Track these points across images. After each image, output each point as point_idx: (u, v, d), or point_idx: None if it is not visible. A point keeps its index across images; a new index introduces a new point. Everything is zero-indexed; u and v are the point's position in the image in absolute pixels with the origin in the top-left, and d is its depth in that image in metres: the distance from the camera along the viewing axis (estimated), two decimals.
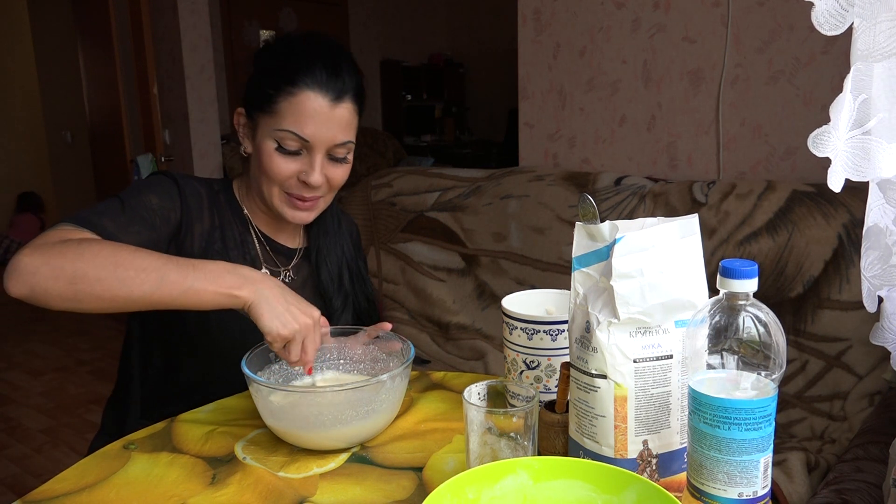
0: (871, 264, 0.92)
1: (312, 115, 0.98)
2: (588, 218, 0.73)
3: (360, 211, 2.50)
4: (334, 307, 1.14)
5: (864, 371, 1.62)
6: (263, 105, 1.01)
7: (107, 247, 0.85)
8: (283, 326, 0.84)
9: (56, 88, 5.24)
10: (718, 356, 0.59)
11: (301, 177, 1.02)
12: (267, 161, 1.01)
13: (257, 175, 1.05)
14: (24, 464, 2.55)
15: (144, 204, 0.99)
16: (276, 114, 0.99)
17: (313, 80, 0.98)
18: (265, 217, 1.12)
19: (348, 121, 1.02)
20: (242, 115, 1.06)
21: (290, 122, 0.99)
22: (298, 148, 1.00)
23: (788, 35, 1.97)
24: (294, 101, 0.98)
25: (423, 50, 7.07)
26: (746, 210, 1.83)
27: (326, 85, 0.99)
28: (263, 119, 1.01)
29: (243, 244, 1.09)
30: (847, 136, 0.76)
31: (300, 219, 1.06)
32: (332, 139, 1.01)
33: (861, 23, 0.71)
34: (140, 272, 0.82)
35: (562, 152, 2.48)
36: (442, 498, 0.59)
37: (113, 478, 0.80)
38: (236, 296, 0.84)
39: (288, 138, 0.99)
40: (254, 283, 0.85)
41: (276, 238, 1.13)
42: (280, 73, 1.00)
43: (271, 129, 1.00)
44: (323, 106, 0.99)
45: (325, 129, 1.00)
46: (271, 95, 0.99)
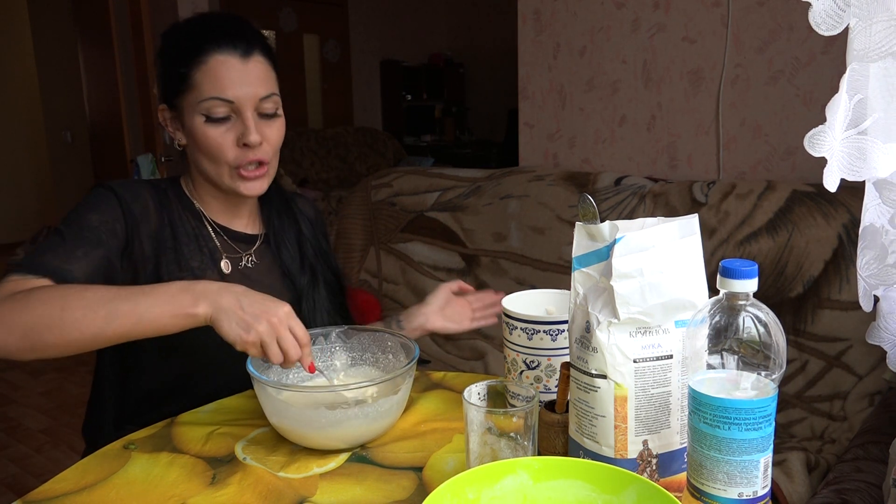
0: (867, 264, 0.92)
1: (228, 75, 0.99)
2: (588, 218, 0.73)
3: (360, 211, 2.50)
4: (302, 285, 1.13)
5: (864, 371, 1.62)
6: (179, 86, 1.01)
7: (55, 292, 0.83)
8: (245, 332, 0.81)
9: (56, 88, 5.25)
10: (718, 356, 0.59)
11: (240, 141, 1.01)
12: (202, 137, 1.01)
13: (200, 160, 1.04)
14: (24, 464, 2.55)
15: (84, 225, 0.97)
16: (194, 88, 0.99)
17: (219, 43, 0.99)
18: (219, 205, 1.11)
19: (265, 73, 1.03)
20: (165, 109, 1.06)
21: (209, 89, 0.99)
22: (227, 113, 1.00)
23: (788, 35, 1.97)
24: (207, 69, 0.99)
25: (423, 50, 7.07)
26: (746, 210, 1.83)
27: (233, 43, 1.00)
28: (185, 100, 1.01)
29: (198, 238, 1.08)
30: (843, 136, 0.76)
31: (255, 189, 1.05)
32: (254, 94, 1.00)
33: (857, 23, 0.71)
34: (88, 311, 0.81)
35: (562, 152, 2.48)
36: (442, 498, 0.59)
37: (113, 478, 0.80)
38: (193, 314, 0.82)
39: (213, 106, 0.99)
40: (209, 296, 0.83)
41: (232, 226, 1.12)
42: (185, 49, 1.00)
43: (195, 104, 1.00)
44: (235, 64, 0.99)
45: (245, 85, 0.99)
46: (184, 73, 1.00)
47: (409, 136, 6.82)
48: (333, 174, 5.35)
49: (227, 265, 1.09)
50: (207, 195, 1.10)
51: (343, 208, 2.56)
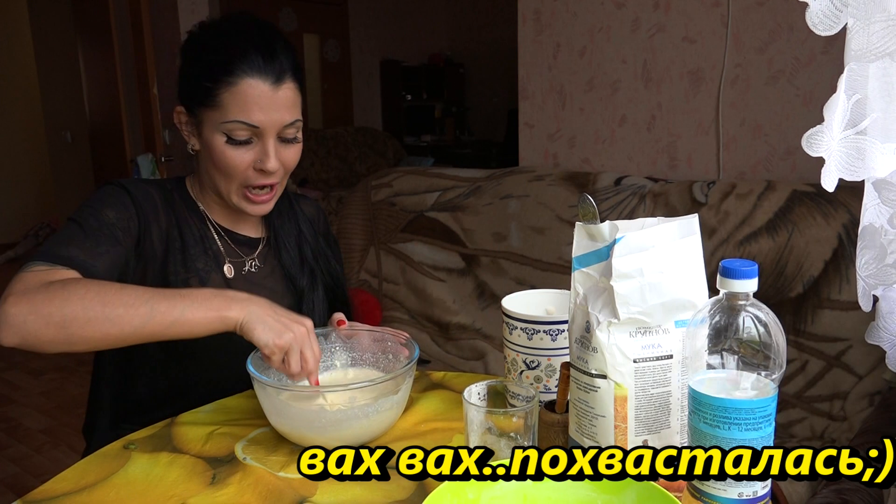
0: (866, 264, 0.92)
1: (257, 102, 0.97)
2: (588, 218, 0.73)
3: (360, 211, 2.50)
4: (302, 286, 1.13)
5: (864, 371, 1.62)
6: (204, 99, 0.99)
7: (92, 286, 0.84)
8: (277, 337, 0.83)
9: (56, 88, 5.24)
10: (718, 356, 0.59)
11: (257, 165, 1.00)
12: (220, 156, 0.99)
13: (211, 172, 1.03)
14: (24, 464, 2.55)
15: (102, 220, 0.96)
16: (219, 107, 0.97)
17: (251, 66, 0.96)
18: (223, 210, 1.11)
19: (292, 100, 1.01)
20: (183, 112, 1.04)
21: (235, 113, 0.97)
22: (249, 137, 0.99)
23: (788, 35, 1.97)
24: (236, 91, 0.96)
25: (423, 50, 7.07)
26: (746, 210, 1.83)
27: (265, 69, 0.97)
28: (206, 113, 0.99)
29: (203, 240, 1.08)
30: (841, 136, 0.76)
31: (261, 211, 1.06)
32: (280, 122, 0.99)
33: (855, 23, 0.71)
34: (129, 308, 0.82)
35: (562, 152, 2.48)
36: (442, 498, 0.59)
37: (113, 478, 0.80)
38: (227, 317, 0.84)
39: (237, 129, 0.98)
40: (241, 302, 0.85)
41: (236, 230, 1.12)
42: (215, 64, 0.97)
43: (217, 122, 0.98)
44: (265, 91, 0.97)
45: (272, 112, 0.98)
46: (210, 89, 0.97)
47: (409, 136, 6.82)
48: (333, 174, 5.35)
49: (231, 269, 1.09)
50: (212, 200, 1.10)
51: (343, 208, 2.56)
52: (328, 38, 6.13)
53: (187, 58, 1.03)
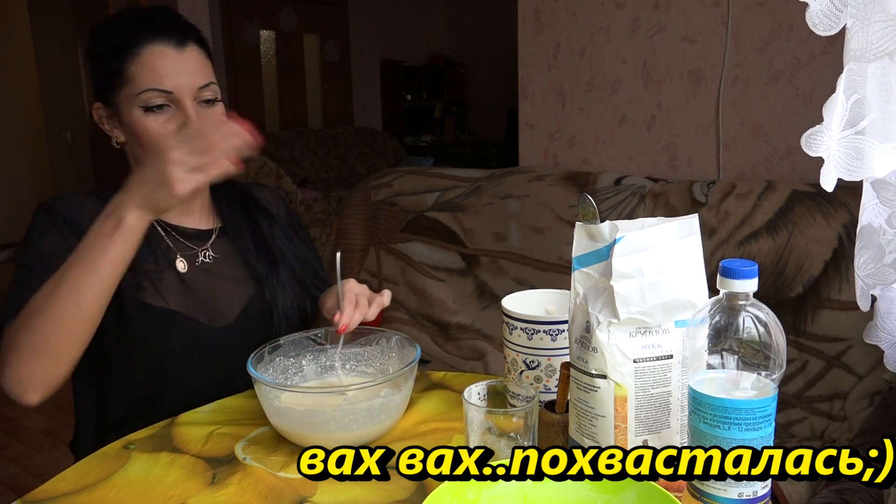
0: (864, 263, 0.92)
1: (163, 65, 0.97)
2: (588, 218, 0.73)
3: (360, 211, 2.50)
4: (260, 272, 1.11)
5: (864, 371, 1.62)
6: (115, 80, 0.99)
7: (24, 311, 0.87)
8: (171, 188, 0.81)
9: (56, 88, 5.24)
10: (718, 356, 0.59)
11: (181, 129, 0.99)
12: (142, 129, 0.99)
13: (141, 155, 1.02)
14: (24, 464, 2.55)
15: (43, 253, 0.97)
16: (130, 80, 0.98)
17: (152, 33, 0.98)
18: None
19: (201, 62, 1.02)
20: (100, 107, 1.04)
21: (147, 81, 0.97)
22: (163, 102, 0.98)
23: (788, 35, 1.97)
24: (141, 60, 0.97)
25: (423, 50, 7.07)
26: (746, 210, 1.83)
27: (167, 33, 0.98)
28: (121, 94, 0.99)
29: (149, 240, 1.04)
30: (840, 136, 0.76)
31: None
32: (192, 83, 0.99)
33: (854, 23, 0.71)
34: (59, 301, 0.84)
35: (562, 152, 2.48)
36: (442, 498, 0.59)
37: (113, 478, 0.80)
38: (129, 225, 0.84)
39: (151, 97, 0.97)
40: (123, 205, 0.84)
41: (183, 224, 1.10)
42: (118, 43, 0.98)
43: (132, 96, 0.98)
44: (171, 54, 0.98)
45: (182, 76, 0.98)
46: (118, 67, 0.98)
47: (409, 136, 6.82)
48: (333, 174, 5.35)
49: (184, 264, 1.07)
50: None
51: (343, 208, 2.56)
52: (328, 38, 6.13)
53: (92, 53, 1.04)
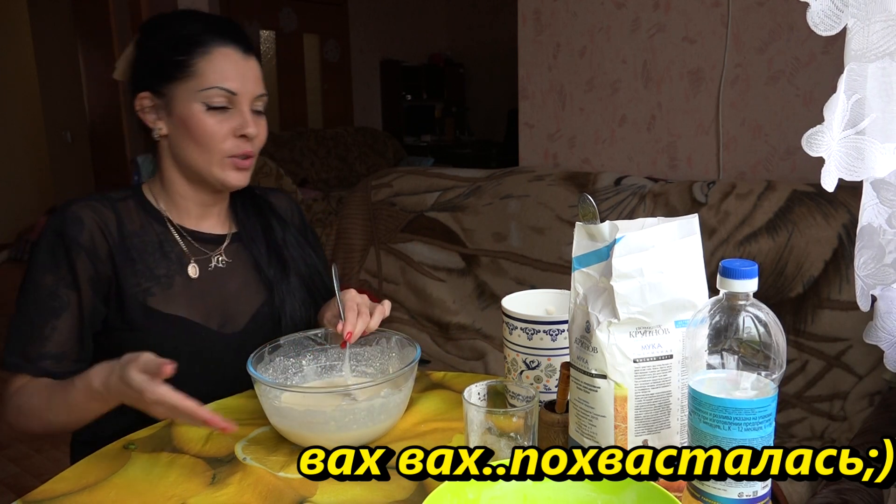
0: (864, 263, 0.92)
1: (233, 68, 1.00)
2: (588, 218, 0.73)
3: (360, 211, 2.49)
4: (270, 277, 1.12)
5: (864, 371, 1.62)
6: (175, 73, 1.00)
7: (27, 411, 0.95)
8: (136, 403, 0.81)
9: (56, 88, 5.24)
10: (718, 356, 0.59)
11: (238, 131, 1.02)
12: (199, 124, 1.00)
13: (188, 149, 1.02)
14: (24, 464, 2.55)
15: (42, 292, 0.97)
16: (195, 75, 0.99)
17: (223, 35, 1.01)
18: (186, 207, 1.09)
19: (259, 73, 1.05)
20: (147, 97, 1.03)
21: (213, 79, 0.99)
22: (225, 103, 1.00)
23: (788, 35, 1.97)
24: (211, 59, 0.99)
25: (423, 50, 7.07)
26: (746, 210, 1.83)
27: (235, 39, 1.02)
28: (180, 87, 1.00)
29: (162, 245, 1.05)
30: (840, 136, 0.76)
31: (241, 180, 1.06)
32: (253, 91, 1.03)
33: (855, 23, 0.71)
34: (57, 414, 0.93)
35: (562, 152, 2.48)
36: (442, 498, 0.59)
37: (113, 478, 0.80)
38: (92, 389, 0.86)
39: (215, 95, 0.99)
40: (97, 384, 0.85)
41: (199, 228, 1.10)
42: (185, 38, 1.00)
43: (194, 91, 0.99)
44: (239, 58, 1.01)
45: (246, 80, 1.02)
46: (183, 61, 0.99)
47: (409, 136, 6.82)
48: (333, 174, 5.35)
49: (195, 269, 1.07)
50: (176, 196, 1.08)
51: (343, 208, 2.56)
52: (328, 38, 6.13)
53: (148, 43, 1.05)
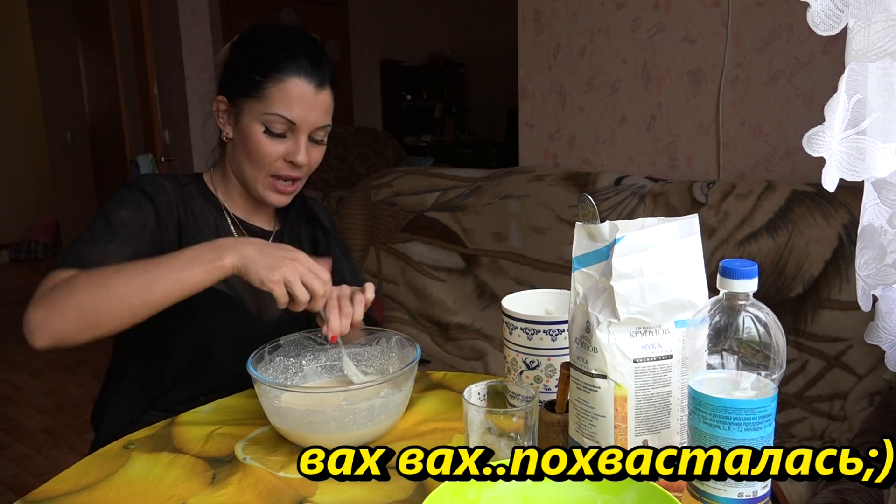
0: (865, 264, 0.92)
1: (300, 100, 1.04)
2: (588, 218, 0.73)
3: (360, 211, 2.50)
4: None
5: (864, 371, 1.62)
6: (249, 91, 1.05)
7: (94, 274, 0.90)
8: (270, 272, 0.87)
9: (56, 88, 5.24)
10: (718, 356, 0.59)
11: (288, 157, 1.07)
12: (255, 144, 1.06)
13: (241, 160, 1.09)
14: (24, 464, 2.55)
15: (115, 221, 1.02)
16: (264, 98, 1.04)
17: (300, 68, 1.04)
18: (240, 201, 1.16)
19: (328, 105, 1.09)
20: (224, 101, 1.10)
21: (279, 107, 1.04)
22: (284, 130, 1.06)
23: (788, 35, 1.97)
24: (283, 87, 1.04)
25: (423, 50, 7.07)
26: (746, 210, 1.83)
27: (311, 72, 1.05)
28: (249, 104, 1.06)
29: (218, 230, 1.13)
30: (841, 136, 0.76)
31: (282, 202, 1.12)
32: (315, 122, 1.07)
33: (856, 23, 0.71)
34: (129, 284, 0.88)
35: (562, 152, 2.48)
36: (442, 498, 0.59)
37: (113, 478, 0.80)
38: (221, 265, 0.89)
39: (276, 121, 1.05)
40: (231, 247, 0.90)
41: (251, 221, 1.17)
42: (267, 60, 1.05)
43: (259, 112, 1.05)
44: (308, 91, 1.05)
45: (310, 112, 1.06)
46: (259, 81, 1.04)
47: (409, 136, 6.82)
48: (333, 174, 5.35)
49: None
50: (233, 190, 1.16)
51: (343, 208, 2.56)
52: (328, 38, 6.12)
53: (238, 53, 1.10)
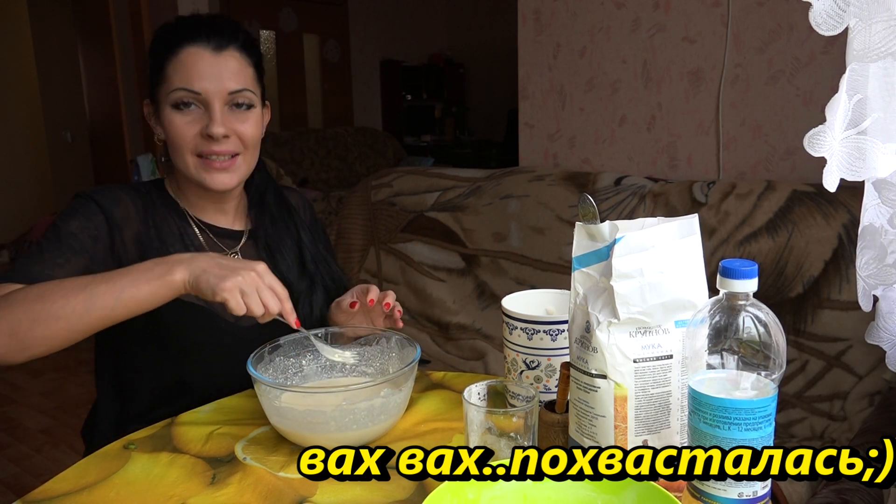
0: (866, 264, 0.92)
1: (197, 67, 1.00)
2: (588, 218, 0.73)
3: (360, 211, 2.50)
4: (298, 290, 1.12)
5: (864, 371, 1.62)
6: (156, 79, 1.03)
7: (33, 289, 0.84)
8: (221, 280, 0.81)
9: (56, 88, 5.24)
10: (718, 356, 0.59)
11: (204, 131, 1.01)
12: (169, 126, 1.02)
13: (172, 152, 1.05)
14: (24, 464, 2.55)
15: (65, 233, 0.97)
16: (166, 79, 1.01)
17: (191, 36, 1.01)
18: (200, 202, 1.11)
19: (237, 68, 1.03)
20: (148, 104, 1.07)
21: (178, 81, 1.00)
22: (191, 102, 1.01)
23: (788, 35, 1.97)
24: (177, 61, 1.00)
25: (423, 50, 7.07)
26: (746, 210, 1.83)
27: (206, 37, 1.01)
28: (160, 92, 1.03)
29: (183, 237, 1.08)
30: (842, 136, 0.76)
31: (222, 182, 1.04)
32: (223, 88, 1.01)
33: (857, 23, 0.71)
34: (69, 299, 0.82)
35: (562, 152, 2.48)
36: (442, 498, 0.59)
37: (113, 478, 0.80)
38: (171, 281, 0.83)
39: (181, 96, 1.00)
40: (183, 262, 0.84)
41: (216, 223, 1.12)
42: (162, 44, 1.03)
43: (166, 94, 1.01)
44: (206, 56, 1.01)
45: (214, 78, 1.00)
46: (160, 66, 1.02)
47: (409, 136, 6.82)
48: (333, 174, 5.35)
49: None
50: (191, 192, 1.10)
51: (343, 208, 2.56)
52: (328, 38, 6.12)
53: (149, 52, 1.07)
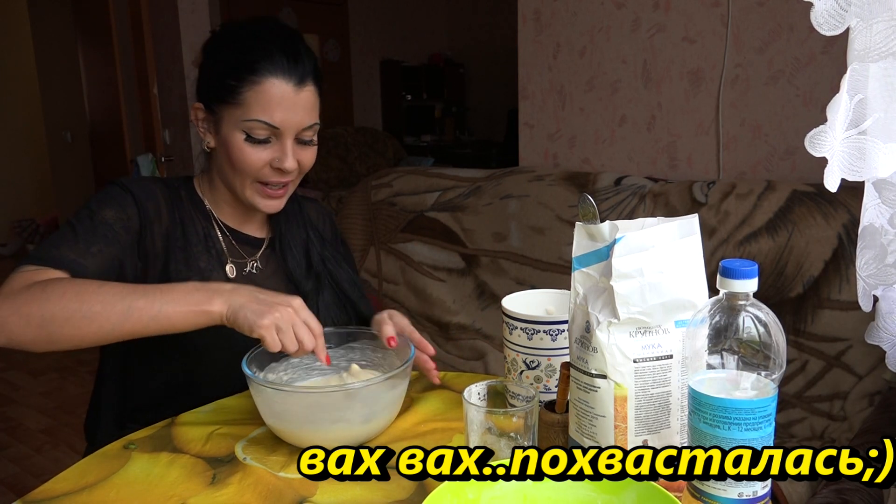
0: (866, 264, 0.92)
1: (279, 102, 0.99)
2: (588, 218, 0.73)
3: (360, 211, 2.50)
4: (306, 290, 1.12)
5: (864, 371, 1.62)
6: (226, 97, 1.00)
7: (72, 285, 0.85)
8: (259, 317, 0.82)
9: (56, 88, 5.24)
10: (718, 356, 0.59)
11: (274, 164, 1.02)
12: (237, 153, 1.01)
13: (226, 169, 1.04)
14: (24, 464, 2.55)
15: (99, 220, 0.97)
16: (241, 104, 0.99)
17: (275, 67, 0.98)
18: (230, 209, 1.11)
19: (313, 103, 1.04)
20: (201, 109, 1.05)
21: (257, 112, 0.98)
22: (268, 136, 1.00)
23: (788, 35, 1.97)
24: (259, 90, 0.98)
25: (423, 50, 7.07)
26: (746, 210, 1.83)
27: (288, 70, 0.99)
28: (227, 111, 1.00)
29: (206, 238, 1.08)
30: (843, 136, 0.76)
31: (273, 207, 1.07)
32: (299, 123, 1.01)
33: (858, 23, 0.71)
34: (106, 305, 0.83)
35: (562, 152, 2.48)
36: (442, 498, 0.59)
37: (113, 478, 0.80)
38: (208, 311, 0.84)
39: (257, 128, 0.99)
40: (223, 294, 0.84)
41: (241, 229, 1.12)
42: (240, 62, 0.99)
43: (238, 120, 0.99)
44: (288, 92, 0.99)
45: (293, 114, 1.00)
46: (234, 86, 0.99)
47: (409, 136, 6.82)
48: (333, 174, 5.35)
49: (233, 269, 1.09)
50: (221, 198, 1.11)
51: (343, 208, 2.56)
52: (328, 38, 6.12)
53: (210, 56, 1.04)
